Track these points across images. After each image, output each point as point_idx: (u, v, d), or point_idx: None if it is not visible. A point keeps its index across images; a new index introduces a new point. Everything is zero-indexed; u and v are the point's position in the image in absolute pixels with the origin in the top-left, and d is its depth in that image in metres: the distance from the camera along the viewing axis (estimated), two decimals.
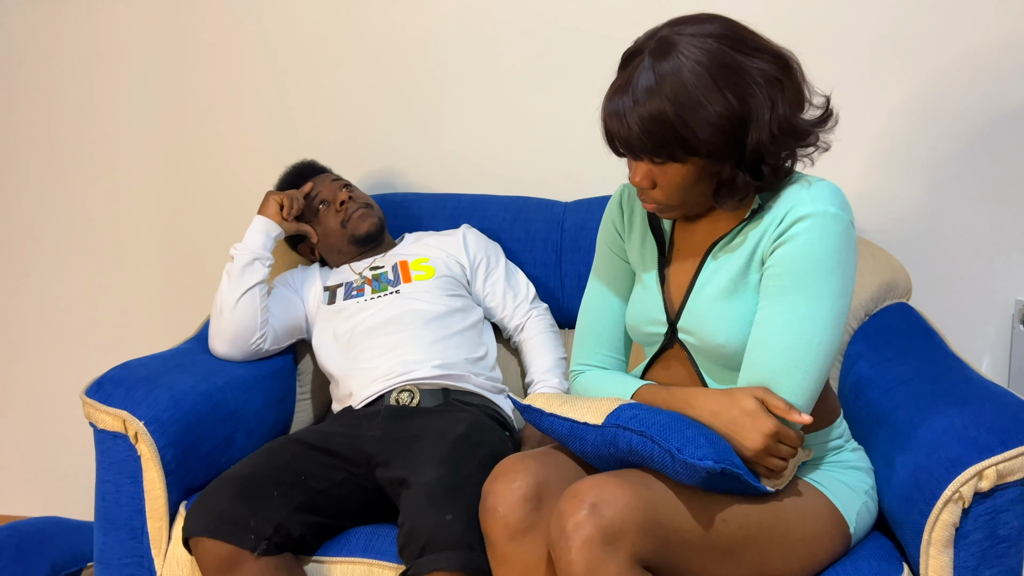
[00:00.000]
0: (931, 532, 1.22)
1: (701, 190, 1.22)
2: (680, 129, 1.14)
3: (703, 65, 1.13)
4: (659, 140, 1.15)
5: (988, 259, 1.89)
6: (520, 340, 1.86)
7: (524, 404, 1.31)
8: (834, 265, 1.18)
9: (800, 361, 1.18)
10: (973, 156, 1.87)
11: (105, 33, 2.21)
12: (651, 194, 1.23)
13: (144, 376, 1.55)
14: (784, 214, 1.20)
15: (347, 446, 1.54)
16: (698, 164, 1.18)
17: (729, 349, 1.24)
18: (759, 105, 1.15)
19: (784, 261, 1.19)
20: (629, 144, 1.18)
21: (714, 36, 1.15)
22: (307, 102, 2.15)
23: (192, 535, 1.39)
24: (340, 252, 1.89)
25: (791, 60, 1.20)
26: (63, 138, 2.28)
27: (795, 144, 1.20)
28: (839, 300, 1.19)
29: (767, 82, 1.16)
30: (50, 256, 2.34)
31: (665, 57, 1.15)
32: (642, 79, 1.15)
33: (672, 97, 1.13)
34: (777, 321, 1.19)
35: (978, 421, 1.24)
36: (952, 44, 1.84)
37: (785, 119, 1.17)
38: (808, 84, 1.21)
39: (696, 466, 1.13)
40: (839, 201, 1.20)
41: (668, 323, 1.31)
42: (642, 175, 1.22)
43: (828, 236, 1.18)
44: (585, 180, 2.00)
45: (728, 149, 1.17)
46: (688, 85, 1.13)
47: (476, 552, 1.28)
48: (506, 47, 2.03)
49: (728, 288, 1.24)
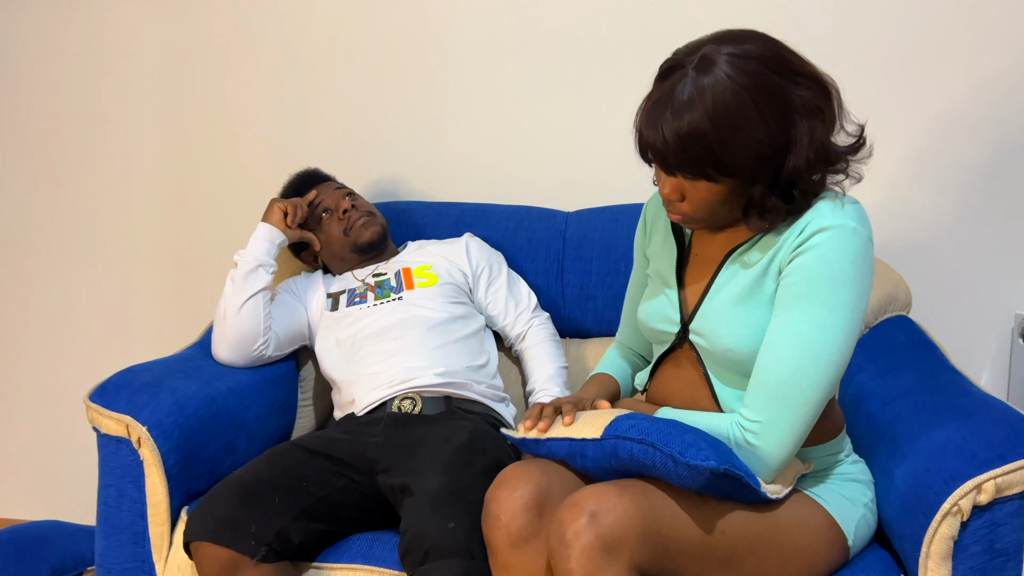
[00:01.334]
0: (930, 545, 1.22)
1: (729, 207, 1.22)
2: (717, 149, 1.14)
3: (746, 88, 1.13)
4: (695, 157, 1.15)
5: (988, 273, 1.90)
6: (521, 349, 1.86)
7: (519, 438, 1.32)
8: (850, 278, 1.19)
9: (809, 369, 1.19)
10: (974, 170, 1.88)
11: (112, 37, 2.22)
12: (679, 206, 1.24)
13: (148, 381, 1.56)
14: (804, 226, 1.20)
15: (349, 452, 1.54)
16: (730, 183, 1.18)
17: (737, 354, 1.25)
18: (800, 134, 1.16)
19: (802, 271, 1.20)
20: (664, 158, 1.17)
21: (757, 58, 1.15)
22: (312, 110, 2.16)
23: (193, 539, 1.40)
24: (343, 260, 1.90)
25: (831, 87, 1.20)
26: (69, 141, 2.29)
27: (826, 169, 1.20)
28: (852, 313, 1.19)
29: (808, 110, 1.16)
30: (54, 259, 2.35)
31: (709, 74, 1.13)
32: (684, 94, 1.13)
33: (713, 116, 1.12)
34: (791, 328, 1.20)
35: (977, 435, 1.25)
36: (961, 62, 1.85)
37: (822, 147, 1.18)
38: (845, 111, 1.22)
39: (700, 467, 1.13)
40: (859, 217, 1.20)
41: (681, 323, 1.32)
42: (671, 188, 1.22)
43: (847, 249, 1.18)
44: (588, 190, 2.01)
45: (763, 173, 1.17)
46: (731, 106, 1.12)
47: (478, 560, 1.28)
48: (511, 57, 2.04)
49: (742, 295, 1.25)
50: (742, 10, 1.90)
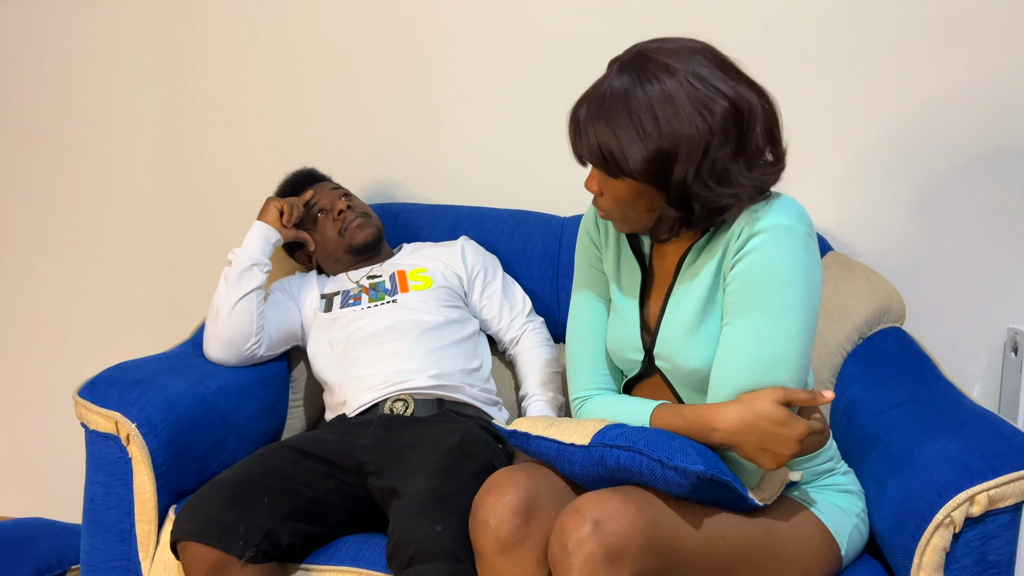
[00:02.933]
0: (922, 556, 1.22)
1: (640, 211, 1.23)
2: (612, 146, 1.17)
3: (651, 91, 1.15)
4: (595, 153, 1.19)
5: (981, 287, 1.90)
6: (515, 353, 1.86)
7: (510, 430, 1.31)
8: (792, 278, 1.17)
9: (764, 378, 1.18)
10: (971, 185, 1.88)
11: (108, 35, 2.21)
12: (599, 201, 1.26)
13: (138, 378, 1.55)
14: (740, 230, 1.20)
15: (340, 454, 1.53)
16: (634, 186, 1.20)
17: (705, 373, 1.24)
18: (692, 145, 1.14)
19: (741, 277, 1.19)
20: (576, 149, 1.22)
21: (680, 68, 1.15)
22: (309, 110, 2.15)
23: (180, 539, 1.38)
24: (337, 261, 1.89)
25: (751, 106, 1.17)
26: (62, 138, 2.28)
27: (726, 191, 1.17)
28: (802, 313, 1.18)
29: (708, 124, 1.14)
30: (45, 255, 2.33)
31: (624, 73, 1.18)
32: (600, 90, 1.19)
33: (613, 115, 1.16)
34: (739, 339, 1.19)
35: (971, 447, 1.25)
36: (952, 72, 1.85)
37: (720, 164, 1.16)
38: (764, 133, 1.19)
39: (688, 471, 1.13)
40: (795, 214, 1.19)
41: (644, 350, 1.32)
42: (593, 181, 1.25)
43: (784, 249, 1.17)
44: (584, 195, 1.99)
45: (657, 179, 1.17)
46: (628, 107, 1.15)
47: (465, 564, 1.27)
48: (509, 59, 2.04)
49: (697, 312, 1.24)
50: (740, 17, 1.90)
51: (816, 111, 1.89)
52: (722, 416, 1.18)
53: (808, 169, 1.90)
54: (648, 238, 1.36)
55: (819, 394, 1.18)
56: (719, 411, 1.19)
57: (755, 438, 1.16)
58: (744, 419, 1.16)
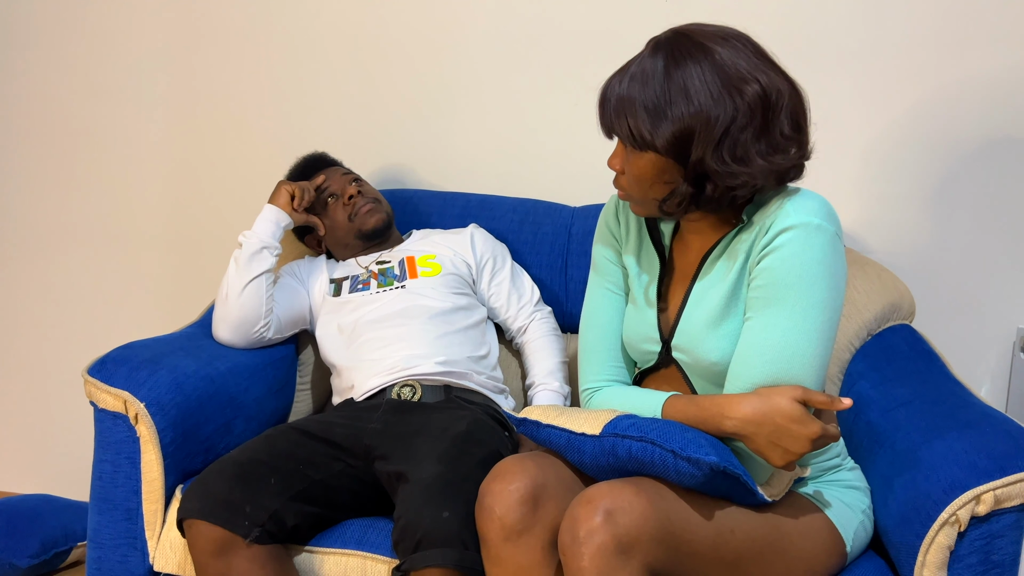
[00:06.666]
0: (926, 554, 1.22)
1: (658, 191, 1.23)
2: (641, 118, 1.18)
3: (684, 68, 1.16)
4: (623, 125, 1.19)
5: (991, 286, 1.90)
6: (522, 342, 1.86)
7: (520, 418, 1.31)
8: (818, 276, 1.18)
9: (783, 375, 1.18)
10: (982, 184, 1.88)
11: (118, 18, 2.21)
12: (620, 180, 1.27)
13: (147, 358, 1.55)
14: (769, 226, 1.20)
15: (347, 437, 1.54)
16: (656, 162, 1.20)
17: (723, 366, 1.24)
18: (718, 123, 1.15)
19: (767, 273, 1.19)
20: (604, 121, 1.23)
21: (716, 49, 1.17)
22: (321, 94, 2.15)
23: (186, 517, 1.39)
24: (346, 246, 1.89)
25: (780, 92, 1.18)
26: (74, 123, 2.28)
27: (742, 169, 1.18)
28: (825, 312, 1.18)
29: (736, 104, 1.15)
30: (56, 236, 2.34)
31: (660, 50, 1.19)
32: (634, 65, 1.20)
33: (645, 89, 1.18)
34: (760, 334, 1.19)
35: (978, 446, 1.24)
36: (964, 69, 1.84)
37: (741, 144, 1.16)
38: (790, 121, 1.19)
39: (701, 461, 1.13)
40: (824, 212, 1.19)
41: (662, 342, 1.31)
42: (617, 159, 1.25)
43: (812, 247, 1.17)
44: (595, 186, 2.00)
45: (679, 155, 1.18)
46: (660, 83, 1.17)
47: (471, 551, 1.28)
48: (522, 48, 2.03)
49: (720, 305, 1.24)
50: (755, 12, 1.89)
51: (829, 108, 1.88)
52: (738, 405, 1.18)
53: (820, 166, 1.87)
54: (668, 230, 1.36)
55: (838, 400, 1.18)
56: (735, 401, 1.19)
57: (768, 431, 1.16)
58: (759, 410, 1.16)
